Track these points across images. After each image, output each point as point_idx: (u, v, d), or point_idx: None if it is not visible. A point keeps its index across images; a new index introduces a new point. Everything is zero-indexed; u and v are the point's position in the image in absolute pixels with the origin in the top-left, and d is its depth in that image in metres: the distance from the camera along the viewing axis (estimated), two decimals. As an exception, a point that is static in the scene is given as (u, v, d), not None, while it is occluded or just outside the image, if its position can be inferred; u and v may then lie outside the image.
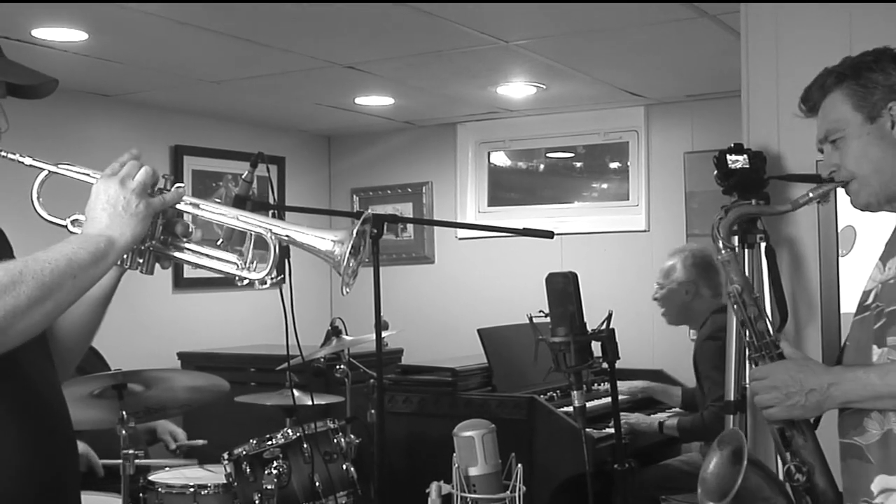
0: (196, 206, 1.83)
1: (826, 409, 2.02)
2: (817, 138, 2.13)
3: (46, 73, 1.92)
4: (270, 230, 1.81)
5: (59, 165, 1.87)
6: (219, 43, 4.43)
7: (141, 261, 1.85)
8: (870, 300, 2.02)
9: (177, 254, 1.86)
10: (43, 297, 1.60)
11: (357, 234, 1.78)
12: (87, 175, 1.83)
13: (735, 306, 2.18)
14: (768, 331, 2.12)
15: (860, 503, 1.98)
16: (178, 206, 1.83)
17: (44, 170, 1.87)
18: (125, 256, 1.83)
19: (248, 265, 1.84)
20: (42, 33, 4.24)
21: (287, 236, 1.81)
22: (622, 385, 4.62)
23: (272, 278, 1.82)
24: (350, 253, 1.77)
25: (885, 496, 1.92)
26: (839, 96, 2.07)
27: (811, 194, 2.12)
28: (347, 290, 1.82)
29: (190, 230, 1.87)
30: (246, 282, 1.83)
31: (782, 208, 2.20)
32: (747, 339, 2.15)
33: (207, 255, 1.87)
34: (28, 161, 1.84)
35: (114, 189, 1.76)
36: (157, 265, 1.88)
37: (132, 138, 5.82)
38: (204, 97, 5.68)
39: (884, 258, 2.04)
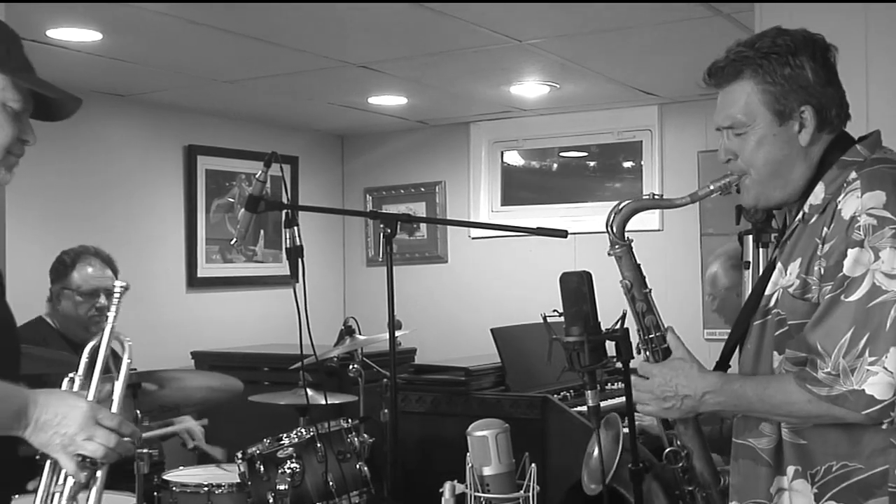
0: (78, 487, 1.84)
1: (701, 412, 2.08)
2: (717, 121, 2.09)
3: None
4: None
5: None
6: (232, 43, 4.44)
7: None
8: (771, 304, 2.03)
9: (39, 481, 1.85)
10: None
11: None
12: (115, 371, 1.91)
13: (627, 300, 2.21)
14: (656, 325, 2.16)
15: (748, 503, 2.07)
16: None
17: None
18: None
19: None
20: (57, 34, 4.25)
21: None
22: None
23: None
24: None
25: (779, 495, 2.01)
26: (750, 87, 2.02)
27: (711, 186, 2.11)
28: None
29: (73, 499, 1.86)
30: None
31: (680, 201, 2.16)
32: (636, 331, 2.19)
33: (47, 486, 1.86)
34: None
35: (74, 427, 1.78)
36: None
37: (146, 138, 5.84)
38: (217, 97, 5.69)
39: (784, 260, 2.02)
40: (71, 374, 1.90)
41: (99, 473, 1.83)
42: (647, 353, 2.16)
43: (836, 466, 1.93)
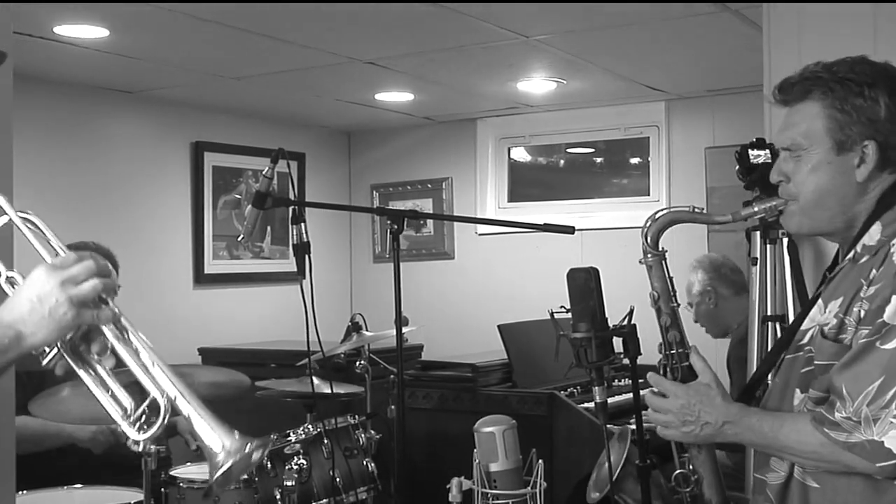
0: (122, 332, 1.65)
1: (719, 440, 2.02)
2: (778, 141, 2.01)
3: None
4: (173, 398, 1.63)
5: (24, 219, 1.70)
6: (239, 39, 4.44)
7: (38, 352, 1.64)
8: (804, 340, 1.95)
9: (76, 366, 1.66)
10: None
11: (249, 458, 1.59)
12: (44, 244, 1.68)
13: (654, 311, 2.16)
14: (679, 341, 2.10)
15: None
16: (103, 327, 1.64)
17: (5, 214, 1.71)
18: None
19: (136, 417, 1.66)
20: (64, 30, 4.26)
21: (188, 416, 1.64)
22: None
23: (151, 447, 1.69)
24: (226, 471, 1.57)
25: None
26: (817, 110, 1.93)
27: (756, 208, 2.04)
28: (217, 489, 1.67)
29: (108, 353, 1.66)
30: (119, 429, 1.66)
31: (722, 219, 2.10)
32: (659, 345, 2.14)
33: (105, 386, 1.67)
34: None
35: (51, 286, 1.58)
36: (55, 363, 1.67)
37: (153, 135, 5.85)
38: (224, 93, 5.70)
39: (826, 298, 1.94)
40: (7, 275, 1.71)
41: (114, 312, 1.63)
42: (667, 368, 2.10)
43: None
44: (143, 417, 1.65)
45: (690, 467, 2.14)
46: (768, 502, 1.97)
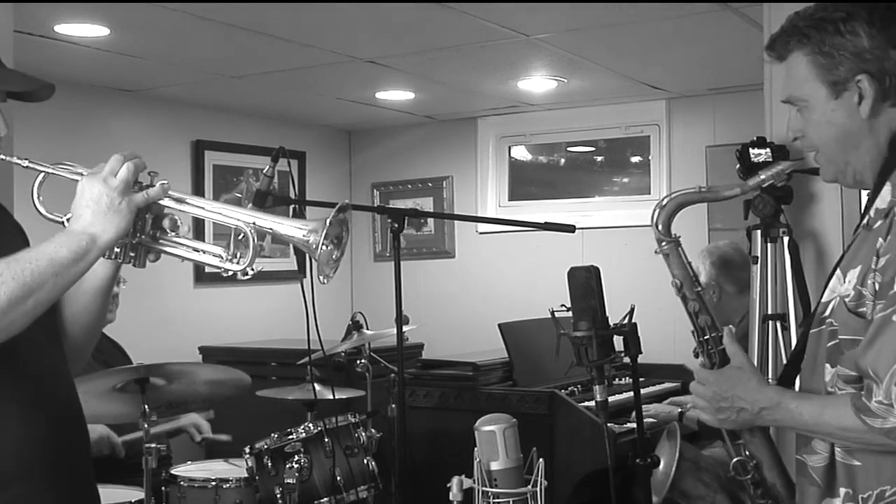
0: (180, 200, 1.87)
1: (757, 425, 1.96)
2: (780, 95, 1.96)
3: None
4: (254, 223, 1.84)
5: (56, 166, 1.90)
6: (240, 38, 4.44)
7: (133, 254, 1.88)
8: (826, 313, 1.87)
9: (166, 248, 1.91)
10: (24, 297, 1.66)
11: (333, 222, 1.80)
12: (82, 175, 1.87)
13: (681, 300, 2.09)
14: (711, 325, 2.03)
15: None
16: (161, 202, 1.86)
17: (41, 172, 1.91)
18: (118, 250, 1.87)
19: (231, 258, 1.87)
20: (65, 29, 4.26)
21: (270, 228, 1.85)
22: (651, 408, 4.51)
23: (252, 269, 1.84)
24: (327, 242, 1.80)
25: None
26: (802, 60, 1.87)
27: (762, 175, 1.99)
28: (324, 280, 1.85)
29: (178, 224, 1.91)
30: (230, 273, 1.87)
31: (730, 193, 2.02)
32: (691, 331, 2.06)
33: (195, 249, 1.91)
34: (25, 164, 1.88)
35: (97, 186, 1.79)
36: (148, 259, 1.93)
37: (153, 133, 5.85)
38: (225, 92, 5.70)
39: (844, 267, 1.86)
40: (68, 216, 1.89)
41: (162, 187, 1.84)
42: (703, 356, 2.02)
43: (890, 493, 1.78)
44: (239, 253, 1.86)
45: (747, 453, 2.04)
46: (814, 485, 1.89)
